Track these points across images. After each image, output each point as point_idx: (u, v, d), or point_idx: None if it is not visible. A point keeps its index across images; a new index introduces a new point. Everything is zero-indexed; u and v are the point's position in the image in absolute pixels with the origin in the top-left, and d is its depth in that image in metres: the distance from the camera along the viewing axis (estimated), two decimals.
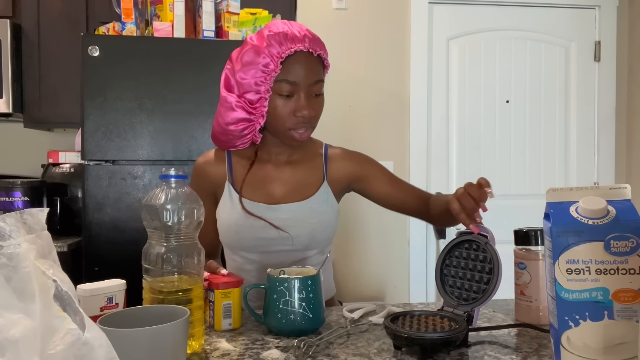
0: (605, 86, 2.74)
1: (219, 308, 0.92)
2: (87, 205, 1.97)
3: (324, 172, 1.20)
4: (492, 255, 0.87)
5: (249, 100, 1.07)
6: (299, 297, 0.89)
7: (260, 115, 1.08)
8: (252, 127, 1.11)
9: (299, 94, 1.07)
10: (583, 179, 2.75)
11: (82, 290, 0.87)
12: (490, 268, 0.87)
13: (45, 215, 0.57)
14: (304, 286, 0.89)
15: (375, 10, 2.61)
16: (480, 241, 0.89)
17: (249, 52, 1.05)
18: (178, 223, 0.81)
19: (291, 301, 0.88)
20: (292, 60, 1.05)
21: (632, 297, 0.65)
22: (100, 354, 0.51)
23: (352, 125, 2.58)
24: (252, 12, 2.17)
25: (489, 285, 0.86)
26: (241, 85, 1.06)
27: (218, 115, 1.13)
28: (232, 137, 1.12)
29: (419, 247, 2.64)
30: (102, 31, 2.13)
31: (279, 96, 1.06)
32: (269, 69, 1.03)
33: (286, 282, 0.89)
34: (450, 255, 0.94)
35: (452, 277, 0.93)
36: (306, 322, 0.89)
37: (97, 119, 1.97)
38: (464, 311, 0.87)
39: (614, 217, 0.66)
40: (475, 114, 2.69)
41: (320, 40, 1.09)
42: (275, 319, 0.89)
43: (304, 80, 1.06)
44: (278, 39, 1.03)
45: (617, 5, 2.73)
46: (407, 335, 0.78)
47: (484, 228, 0.90)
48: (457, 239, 0.93)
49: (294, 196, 1.16)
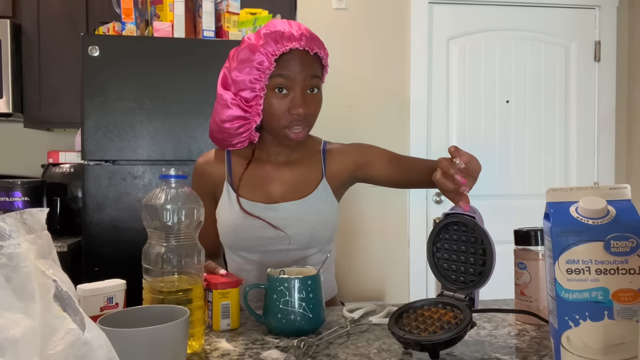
0: (605, 86, 2.75)
1: (217, 308, 0.92)
2: (87, 205, 1.97)
3: (322, 169, 1.20)
4: (483, 236, 0.83)
5: (244, 98, 1.07)
6: (299, 297, 0.89)
7: (256, 113, 1.08)
8: (248, 126, 1.10)
9: (294, 90, 1.06)
10: (583, 179, 2.76)
11: (82, 290, 0.87)
12: (483, 249, 0.84)
13: (45, 215, 0.57)
14: (303, 286, 0.89)
15: (375, 10, 2.61)
16: (468, 222, 0.85)
17: (244, 50, 1.05)
18: (178, 223, 0.81)
19: (291, 301, 0.88)
20: (287, 57, 1.04)
21: (632, 297, 0.65)
22: (100, 354, 0.51)
23: (352, 125, 2.58)
24: (252, 12, 2.17)
25: (485, 267, 0.83)
26: (237, 83, 1.06)
27: (214, 113, 1.13)
28: (228, 134, 1.12)
29: (419, 247, 2.64)
30: (102, 31, 2.13)
31: (274, 93, 1.06)
32: (264, 67, 1.03)
33: (286, 282, 0.89)
34: (440, 237, 0.91)
35: (446, 261, 0.89)
36: (306, 322, 0.89)
37: (97, 119, 1.97)
38: (464, 294, 0.85)
39: (614, 217, 0.66)
40: (475, 114, 2.69)
41: (319, 40, 1.09)
42: (275, 319, 0.89)
43: (299, 75, 1.05)
44: (274, 37, 1.03)
45: (617, 5, 2.73)
46: (417, 340, 0.77)
47: (471, 208, 0.86)
48: (443, 220, 0.89)
49: (292, 195, 1.16)
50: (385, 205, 2.59)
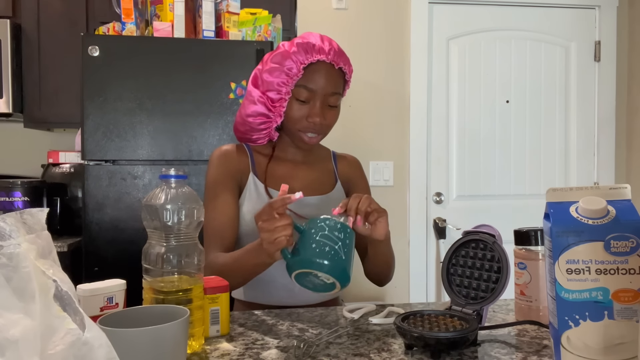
0: (605, 86, 2.75)
1: (207, 314, 0.89)
2: (87, 205, 1.97)
3: (335, 174, 1.30)
4: (501, 254, 0.88)
5: (270, 99, 1.16)
6: (337, 236, 0.85)
7: (279, 114, 1.17)
8: (269, 124, 1.19)
9: (314, 101, 1.15)
10: (583, 179, 2.75)
11: (82, 290, 0.87)
12: (498, 267, 0.88)
13: (45, 215, 0.57)
14: (343, 229, 0.87)
15: (375, 10, 2.61)
16: (487, 240, 0.90)
17: (278, 56, 1.14)
18: (178, 223, 0.81)
19: (330, 236, 0.85)
20: (314, 68, 1.13)
21: (632, 297, 0.65)
22: (100, 354, 0.51)
23: (352, 125, 2.58)
24: (252, 12, 2.17)
25: (498, 284, 0.87)
26: (266, 83, 1.15)
27: (242, 107, 1.22)
28: (250, 128, 1.21)
29: (419, 247, 2.64)
30: (102, 31, 2.13)
31: (296, 100, 1.15)
32: (292, 73, 1.13)
33: (328, 220, 0.87)
34: (456, 254, 0.95)
35: (459, 277, 0.93)
36: (337, 263, 0.84)
37: (97, 119, 1.97)
38: (473, 310, 0.88)
39: (614, 217, 0.66)
40: (475, 114, 2.69)
41: (346, 57, 1.18)
42: (309, 250, 0.84)
43: (322, 90, 1.14)
44: (305, 47, 1.13)
45: (617, 5, 2.73)
46: (421, 335, 0.78)
47: (491, 228, 0.92)
48: (463, 238, 0.94)
49: (313, 191, 1.24)
50: (385, 205, 2.56)
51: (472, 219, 2.49)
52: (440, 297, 2.64)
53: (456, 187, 2.68)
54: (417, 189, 2.63)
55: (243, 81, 2.03)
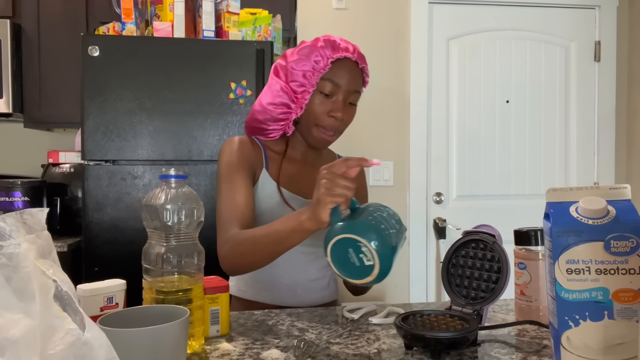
0: (605, 86, 2.75)
1: (207, 314, 0.89)
2: (87, 205, 1.97)
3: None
4: (501, 254, 0.88)
5: (293, 90, 1.15)
6: (393, 224, 0.82)
7: (300, 106, 1.16)
8: (289, 115, 1.18)
9: (337, 96, 1.15)
10: (583, 179, 2.75)
11: (82, 290, 0.87)
12: (499, 267, 0.88)
13: (45, 215, 0.57)
14: (400, 223, 0.84)
15: (375, 10, 2.61)
16: (487, 240, 0.90)
17: (306, 49, 1.15)
18: (178, 223, 0.81)
19: (388, 219, 0.82)
20: (340, 64, 1.15)
21: (632, 297, 0.65)
22: (100, 354, 0.51)
23: (352, 125, 2.56)
24: (252, 12, 2.17)
25: (498, 284, 0.87)
26: (291, 73, 1.15)
27: (262, 95, 1.20)
28: (269, 117, 1.19)
29: (419, 247, 2.64)
30: (102, 31, 2.13)
31: (320, 93, 1.15)
32: (319, 66, 1.13)
33: (388, 207, 0.85)
34: (456, 254, 0.95)
35: (459, 277, 0.93)
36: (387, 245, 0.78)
37: (97, 119, 1.97)
38: (473, 310, 0.88)
39: (614, 217, 0.66)
40: (475, 114, 2.69)
41: (365, 59, 1.20)
42: (365, 220, 0.79)
43: (346, 85, 1.15)
44: (331, 44, 1.15)
45: (617, 5, 2.73)
46: (421, 335, 0.78)
47: (491, 228, 0.91)
48: (463, 238, 0.94)
49: None
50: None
51: (472, 219, 2.49)
52: (440, 297, 2.64)
53: (456, 187, 2.68)
54: (417, 189, 2.63)
55: (243, 81, 2.03)
